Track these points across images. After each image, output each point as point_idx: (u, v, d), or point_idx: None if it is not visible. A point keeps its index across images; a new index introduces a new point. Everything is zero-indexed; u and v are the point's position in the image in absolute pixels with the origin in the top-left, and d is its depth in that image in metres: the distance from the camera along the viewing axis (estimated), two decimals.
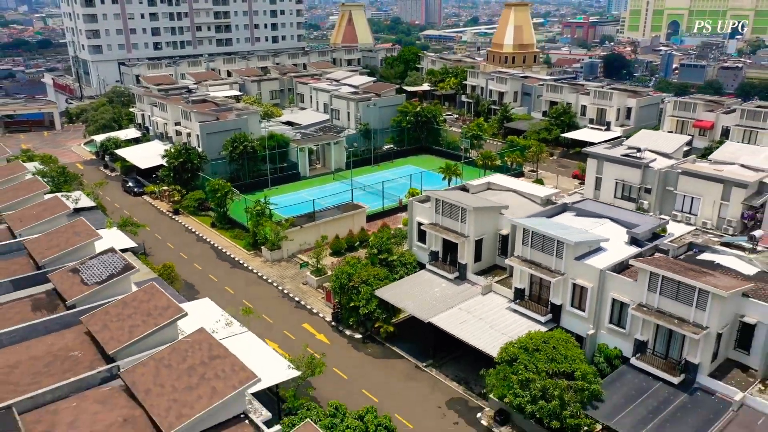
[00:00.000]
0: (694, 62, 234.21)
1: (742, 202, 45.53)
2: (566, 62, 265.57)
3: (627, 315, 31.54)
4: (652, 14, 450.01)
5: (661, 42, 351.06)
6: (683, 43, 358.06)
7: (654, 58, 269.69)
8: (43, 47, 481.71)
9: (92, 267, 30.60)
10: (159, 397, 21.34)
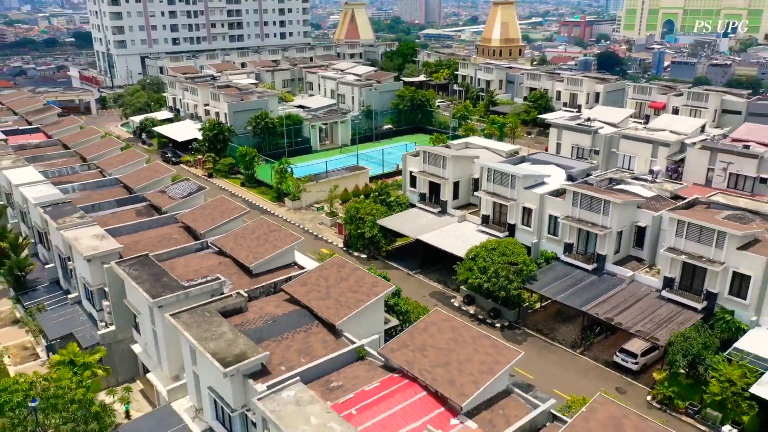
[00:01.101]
0: (684, 60, 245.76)
1: (666, 158, 57.65)
2: (561, 60, 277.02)
3: (559, 226, 43.65)
4: (647, 13, 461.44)
5: (656, 41, 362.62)
6: (677, 41, 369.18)
7: (647, 56, 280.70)
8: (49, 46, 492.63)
9: (175, 189, 42.85)
10: (240, 249, 33.61)
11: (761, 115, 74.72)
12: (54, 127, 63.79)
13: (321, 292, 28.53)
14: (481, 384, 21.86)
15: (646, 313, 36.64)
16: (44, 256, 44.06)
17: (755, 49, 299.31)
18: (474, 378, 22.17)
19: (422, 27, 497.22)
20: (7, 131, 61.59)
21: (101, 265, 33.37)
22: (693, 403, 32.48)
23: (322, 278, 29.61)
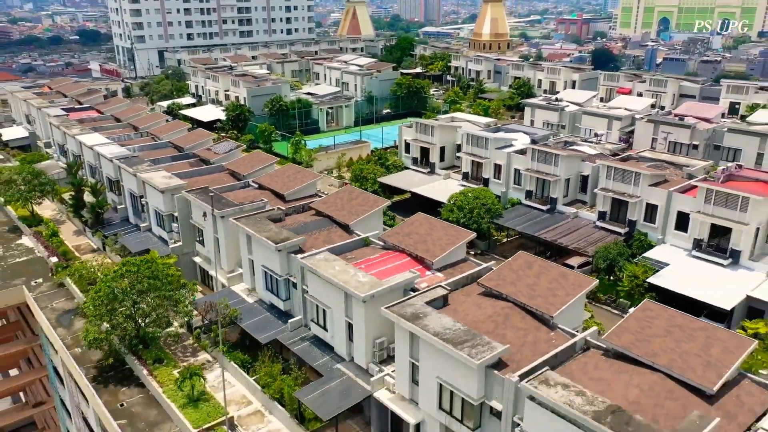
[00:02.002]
0: (676, 57, 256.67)
1: (619, 129, 69.02)
2: (557, 57, 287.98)
3: (522, 177, 55.01)
4: (643, 11, 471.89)
5: (651, 39, 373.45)
6: (672, 39, 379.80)
7: (640, 53, 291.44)
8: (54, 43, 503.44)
9: (218, 147, 54.29)
10: (275, 184, 44.95)
11: (712, 98, 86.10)
12: (103, 106, 75.22)
13: (338, 206, 39.97)
14: (447, 250, 33.31)
15: (583, 237, 47.99)
16: (113, 201, 55.34)
17: (746, 46, 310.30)
18: (442, 248, 33.60)
19: (421, 25, 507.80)
20: (66, 109, 72.99)
21: (172, 196, 44.80)
22: (610, 295, 43.85)
23: (338, 198, 41.08)
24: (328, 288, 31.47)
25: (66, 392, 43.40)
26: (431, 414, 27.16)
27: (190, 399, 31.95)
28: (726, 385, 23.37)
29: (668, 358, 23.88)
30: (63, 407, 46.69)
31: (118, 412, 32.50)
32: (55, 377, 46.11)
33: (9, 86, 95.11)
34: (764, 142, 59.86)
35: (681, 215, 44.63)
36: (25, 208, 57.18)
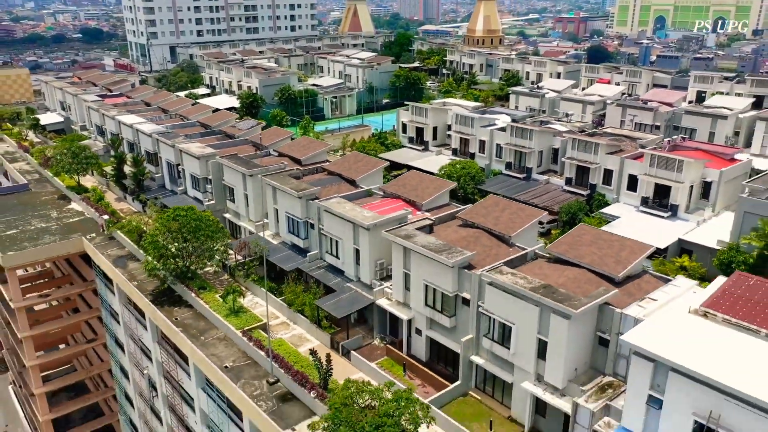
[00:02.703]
0: (669, 54, 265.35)
1: (592, 113, 77.81)
2: (553, 54, 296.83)
3: (502, 150, 63.80)
4: (639, 10, 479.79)
5: (647, 36, 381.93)
6: (667, 37, 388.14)
7: (635, 50, 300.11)
8: (58, 42, 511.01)
9: (241, 124, 63.10)
10: (293, 151, 53.80)
11: (682, 87, 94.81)
12: (132, 93, 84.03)
13: (345, 167, 48.82)
14: (433, 195, 42.18)
15: (552, 198, 56.76)
16: (151, 171, 64.08)
17: (739, 44, 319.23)
18: (429, 194, 42.46)
19: (421, 23, 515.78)
20: (100, 95, 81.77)
21: (206, 162, 53.60)
22: None
23: (346, 161, 49.95)
24: (340, 223, 40.30)
25: (120, 326, 52.27)
26: (419, 311, 35.99)
27: (231, 311, 40.73)
28: (630, 277, 32.25)
29: (590, 258, 32.75)
30: (115, 343, 55.56)
31: (175, 324, 41.30)
32: (108, 316, 55.01)
33: (43, 77, 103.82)
34: (715, 122, 68.64)
35: (631, 178, 53.43)
36: (72, 179, 66.01)
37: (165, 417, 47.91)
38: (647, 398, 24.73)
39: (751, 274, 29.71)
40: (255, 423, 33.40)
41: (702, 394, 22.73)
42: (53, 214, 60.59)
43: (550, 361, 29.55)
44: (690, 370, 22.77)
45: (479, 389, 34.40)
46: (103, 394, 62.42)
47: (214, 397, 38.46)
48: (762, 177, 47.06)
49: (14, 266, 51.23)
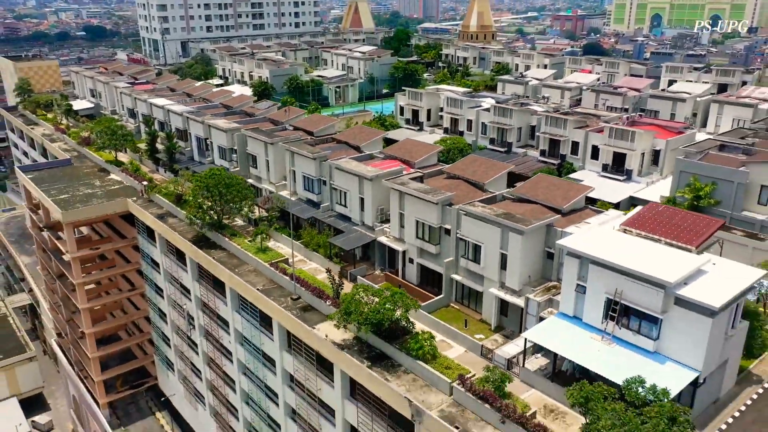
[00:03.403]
0: (663, 51, 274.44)
1: (569, 98, 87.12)
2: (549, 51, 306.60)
3: (487, 128, 73.10)
4: (636, 8, 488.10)
5: (643, 34, 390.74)
6: (663, 34, 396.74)
7: (630, 47, 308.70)
8: (61, 39, 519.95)
9: (259, 105, 72.41)
10: (307, 125, 63.21)
11: (655, 77, 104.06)
12: (157, 80, 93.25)
13: (351, 137, 58.21)
14: (424, 155, 51.56)
15: (528, 167, 66.00)
16: (181, 146, 73.35)
17: (732, 41, 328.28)
18: (420, 154, 51.84)
19: (420, 21, 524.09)
20: (129, 82, 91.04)
21: (232, 134, 62.91)
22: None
23: (351, 132, 59.34)
24: (348, 177, 49.66)
25: (160, 274, 61.59)
26: (411, 243, 45.35)
27: (259, 249, 50.04)
28: (574, 210, 41.63)
29: (543, 197, 42.15)
30: (154, 290, 64.91)
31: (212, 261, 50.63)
32: (149, 267, 64.36)
33: (73, 68, 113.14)
34: (675, 105, 77.90)
35: (594, 148, 62.75)
36: (110, 154, 75.37)
37: (201, 345, 57.27)
38: (575, 286, 34.10)
39: (660, 204, 39.14)
40: (283, 325, 42.80)
41: (611, 278, 32.09)
42: (96, 182, 69.95)
43: (509, 269, 38.96)
44: (603, 260, 32.16)
45: (458, 302, 43.80)
46: (137, 339, 71.70)
47: (247, 316, 47.86)
48: (697, 144, 56.46)
49: (71, 222, 60.53)
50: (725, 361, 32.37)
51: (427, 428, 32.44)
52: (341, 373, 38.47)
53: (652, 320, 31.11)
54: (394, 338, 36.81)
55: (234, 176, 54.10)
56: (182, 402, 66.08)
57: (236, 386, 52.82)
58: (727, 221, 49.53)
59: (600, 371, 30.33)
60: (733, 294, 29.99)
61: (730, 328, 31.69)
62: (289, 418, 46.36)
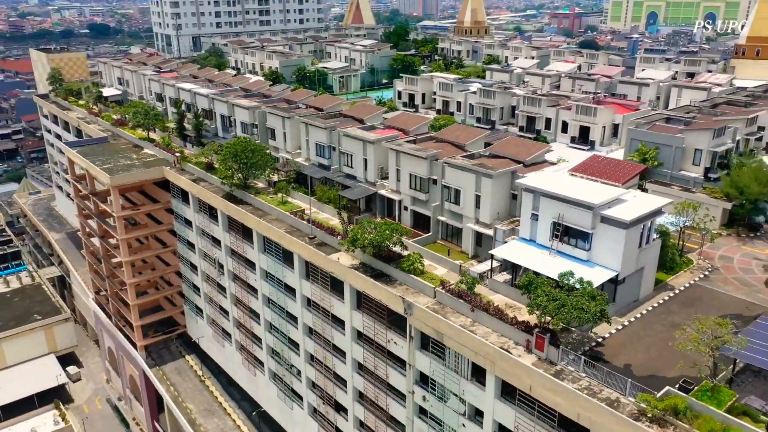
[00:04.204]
0: (656, 48, 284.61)
1: (550, 84, 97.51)
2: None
3: (474, 108, 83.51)
4: (632, 6, 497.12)
5: (639, 32, 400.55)
6: (658, 32, 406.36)
7: (625, 44, 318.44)
8: (66, 37, 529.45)
9: (275, 87, 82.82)
10: (317, 103, 73.78)
11: (631, 67, 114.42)
12: (180, 70, 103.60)
13: (356, 112, 68.62)
14: (416, 125, 62.07)
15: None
16: (206, 123, 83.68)
17: (724, 38, 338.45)
18: (413, 124, 62.34)
19: (419, 19, 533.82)
20: (155, 71, 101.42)
21: (254, 111, 73.33)
22: None
23: (356, 108, 69.76)
24: (354, 142, 60.07)
25: (192, 230, 72.03)
26: (406, 193, 55.76)
27: (280, 202, 60.46)
28: (535, 163, 52.10)
29: (512, 153, 52.61)
30: (186, 245, 75.33)
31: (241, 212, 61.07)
32: (181, 226, 74.78)
33: (102, 59, 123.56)
34: (640, 89, 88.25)
35: (564, 123, 73.22)
36: (143, 132, 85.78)
37: (229, 288, 67.76)
38: (530, 215, 44.53)
39: (600, 156, 49.62)
40: (303, 257, 53.28)
41: (556, 206, 42.50)
42: (133, 156, 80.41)
43: (482, 207, 49.43)
44: (550, 192, 42.62)
45: (443, 239, 54.27)
46: (167, 292, 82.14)
47: (271, 255, 58.35)
48: (647, 117, 66.94)
49: (117, 185, 70.98)
50: (642, 269, 42.84)
51: (417, 318, 42.96)
52: (350, 288, 48.99)
53: (584, 236, 41.56)
54: (390, 261, 47.27)
55: (257, 144, 64.57)
56: (209, 343, 76.63)
57: (260, 318, 63.35)
58: (668, 179, 60.27)
59: (544, 272, 40.73)
60: (642, 213, 40.47)
61: (644, 242, 42.16)
62: (306, 336, 56.88)
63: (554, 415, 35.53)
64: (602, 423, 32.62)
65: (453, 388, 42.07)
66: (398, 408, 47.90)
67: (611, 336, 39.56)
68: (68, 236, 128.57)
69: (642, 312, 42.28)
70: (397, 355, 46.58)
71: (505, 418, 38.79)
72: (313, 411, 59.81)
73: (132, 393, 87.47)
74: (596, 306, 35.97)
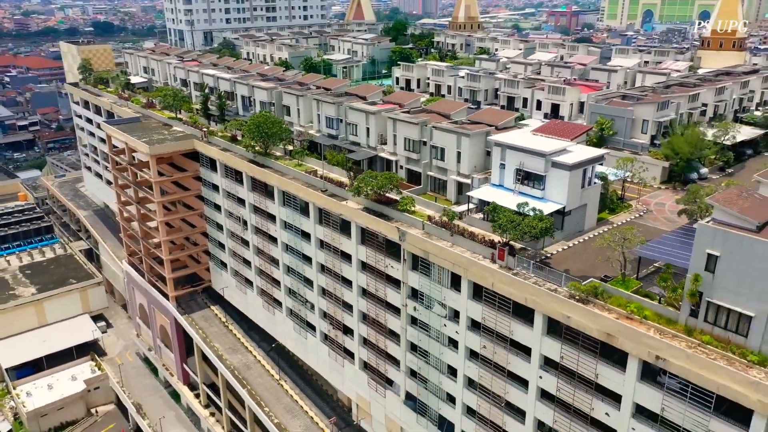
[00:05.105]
0: (649, 45, 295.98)
1: (531, 71, 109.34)
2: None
3: (462, 90, 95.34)
4: (628, 3, 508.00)
5: (634, 29, 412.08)
6: (654, 29, 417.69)
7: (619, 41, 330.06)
8: (71, 34, 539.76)
9: (287, 73, 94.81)
10: (325, 85, 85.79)
11: (607, 57, 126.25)
12: (200, 59, 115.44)
13: (360, 90, 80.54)
14: (410, 100, 74.03)
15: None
16: (228, 104, 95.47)
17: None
18: (407, 100, 74.25)
19: (419, 17, 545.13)
20: (179, 60, 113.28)
21: (271, 91, 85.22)
22: None
23: (360, 87, 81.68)
24: (358, 114, 71.94)
25: (219, 194, 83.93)
26: (401, 154, 67.69)
27: (297, 164, 72.35)
28: (506, 127, 64.03)
29: (487, 119, 64.57)
30: (213, 207, 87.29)
31: (264, 172, 72.93)
32: (209, 190, 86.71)
33: (127, 50, 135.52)
34: (610, 75, 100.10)
35: (538, 101, 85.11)
36: (172, 113, 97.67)
37: (252, 241, 79.66)
38: (499, 165, 56.43)
39: (556, 120, 61.56)
40: (317, 205, 65.22)
41: (518, 156, 54.37)
42: (165, 132, 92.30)
43: (462, 162, 61.33)
44: (514, 145, 54.53)
45: (431, 191, 66.21)
46: (193, 250, 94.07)
47: (290, 208, 70.28)
48: (605, 94, 78.87)
49: (155, 154, 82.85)
50: (585, 205, 54.74)
51: (409, 243, 54.90)
52: (355, 226, 60.92)
53: (539, 178, 53.44)
54: (388, 204, 59.18)
55: (276, 117, 76.50)
56: (232, 292, 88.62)
57: (279, 263, 75.29)
58: (621, 145, 72.21)
59: (508, 206, 52.60)
60: (581, 159, 52.37)
61: (586, 183, 54.05)
62: (319, 272, 68.85)
63: (509, 304, 47.47)
64: (543, 303, 44.62)
65: (437, 296, 54.04)
66: (394, 321, 59.86)
67: (558, 253, 51.50)
68: (95, 213, 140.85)
69: (584, 238, 54.23)
70: (393, 277, 58.54)
71: (475, 314, 50.76)
72: (324, 337, 71.80)
73: (162, 342, 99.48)
74: (542, 224, 48.00)
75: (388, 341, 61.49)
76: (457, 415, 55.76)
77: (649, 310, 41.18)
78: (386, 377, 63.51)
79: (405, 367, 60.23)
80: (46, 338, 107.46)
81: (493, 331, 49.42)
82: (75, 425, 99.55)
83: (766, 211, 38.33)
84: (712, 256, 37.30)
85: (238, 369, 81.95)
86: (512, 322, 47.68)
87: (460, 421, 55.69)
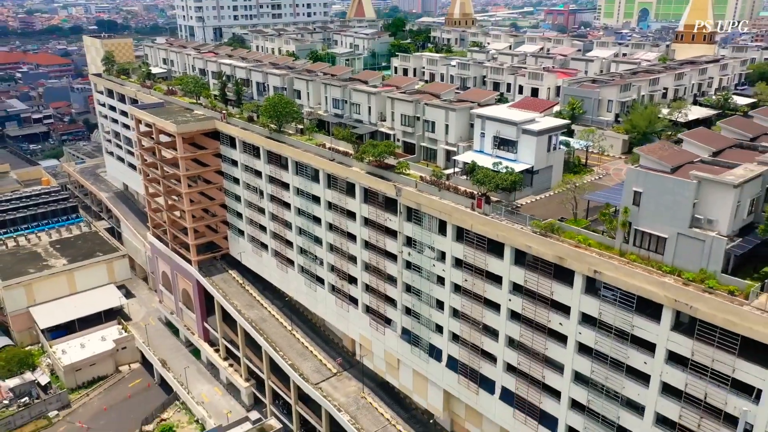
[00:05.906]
0: (644, 43, 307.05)
1: (517, 61, 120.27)
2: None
3: (453, 78, 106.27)
4: (624, 2, 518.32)
5: (630, 27, 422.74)
6: (649, 28, 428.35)
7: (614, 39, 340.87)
8: (75, 33, 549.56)
9: (296, 63, 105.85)
10: (332, 72, 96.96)
11: (589, 50, 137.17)
12: (216, 50, 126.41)
13: (362, 76, 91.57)
14: (407, 83, 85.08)
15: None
16: (244, 89, 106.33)
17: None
18: (405, 82, 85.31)
19: (419, 16, 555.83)
20: (197, 52, 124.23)
21: (284, 78, 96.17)
22: None
23: (362, 73, 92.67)
24: (361, 95, 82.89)
25: (238, 168, 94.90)
26: (398, 128, 78.71)
27: (308, 139, 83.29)
28: (488, 104, 75.09)
29: (471, 97, 75.63)
30: (232, 180, 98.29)
31: (280, 145, 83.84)
32: (228, 165, 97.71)
33: (145, 43, 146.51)
34: (587, 64, 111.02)
35: (520, 86, 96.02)
36: (192, 99, 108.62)
37: (267, 208, 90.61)
38: (480, 134, 67.41)
39: (529, 97, 72.64)
40: (326, 171, 76.19)
41: (496, 126, 65.38)
42: (187, 114, 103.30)
43: (449, 133, 72.32)
44: (493, 116, 65.54)
45: (424, 159, 77.17)
46: (211, 221, 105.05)
47: (302, 176, 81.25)
48: (577, 79, 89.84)
49: (182, 133, 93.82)
50: (551, 166, 65.71)
51: (404, 197, 65.89)
52: (359, 188, 71.90)
53: (513, 144, 64.45)
54: (387, 169, 70.13)
55: (289, 99, 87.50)
56: (249, 257, 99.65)
57: (292, 225, 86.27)
58: (589, 122, 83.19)
59: (485, 165, 63.56)
60: (546, 127, 63.35)
61: (552, 148, 64.99)
62: (327, 231, 79.83)
63: (485, 242, 58.45)
64: (511, 237, 55.64)
65: (427, 242, 65.03)
66: (392, 266, 70.84)
67: (527, 204, 62.44)
68: (116, 195, 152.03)
69: (550, 194, 65.21)
70: (391, 229, 69.53)
71: (458, 253, 61.77)
72: (332, 288, 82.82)
73: (184, 304, 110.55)
74: (512, 177, 59.07)
75: (387, 285, 72.50)
76: (444, 342, 66.85)
77: (593, 240, 52.16)
78: (385, 317, 74.54)
79: (401, 306, 71.31)
80: (77, 304, 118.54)
81: (472, 266, 60.43)
82: (105, 380, 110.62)
83: (680, 159, 49.49)
84: (638, 193, 48.29)
85: (255, 321, 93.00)
86: (487, 256, 58.69)
87: (446, 347, 66.79)
